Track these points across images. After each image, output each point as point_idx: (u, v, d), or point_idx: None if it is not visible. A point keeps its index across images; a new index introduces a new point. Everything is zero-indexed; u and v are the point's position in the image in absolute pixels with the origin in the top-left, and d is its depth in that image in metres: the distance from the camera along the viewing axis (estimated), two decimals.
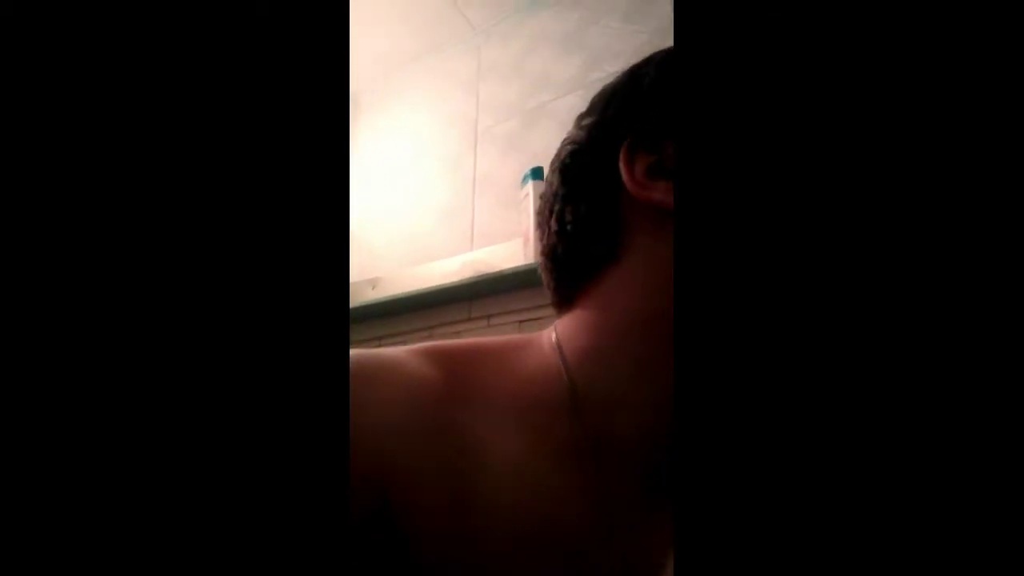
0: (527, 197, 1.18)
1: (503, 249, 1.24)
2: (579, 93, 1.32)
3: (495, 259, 1.23)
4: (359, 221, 1.63)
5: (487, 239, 1.35)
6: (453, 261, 1.31)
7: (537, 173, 1.18)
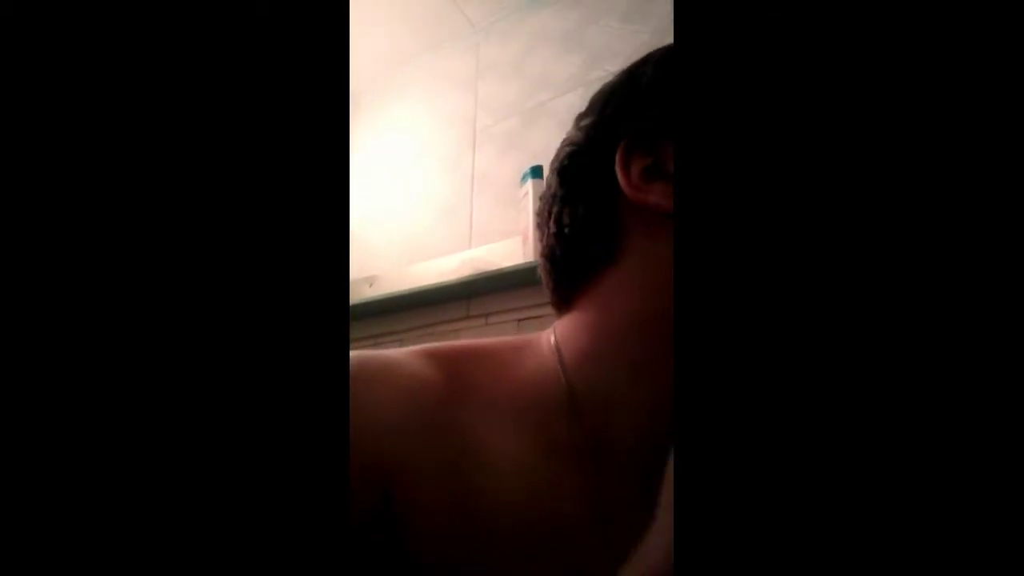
0: (526, 195, 1.18)
1: (502, 247, 1.24)
2: (578, 92, 1.32)
3: (493, 257, 1.23)
4: (357, 219, 1.63)
5: (485, 237, 1.35)
6: (451, 259, 1.31)
7: (536, 172, 1.18)
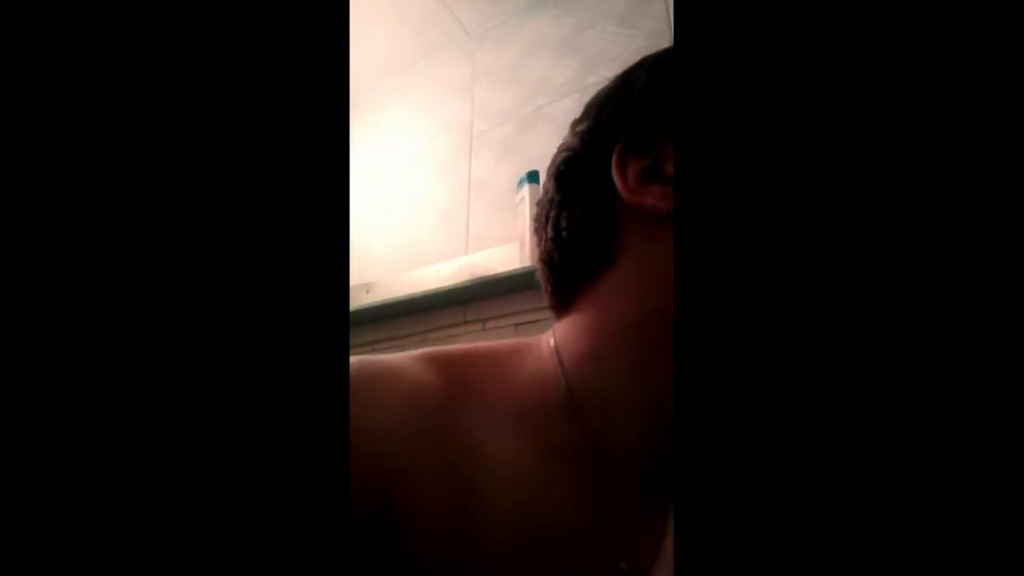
0: (523, 201, 1.18)
1: (499, 252, 1.24)
2: (575, 97, 1.33)
3: (490, 262, 1.23)
4: (354, 225, 1.63)
5: (482, 243, 1.35)
6: (448, 265, 1.31)
7: (533, 177, 1.18)
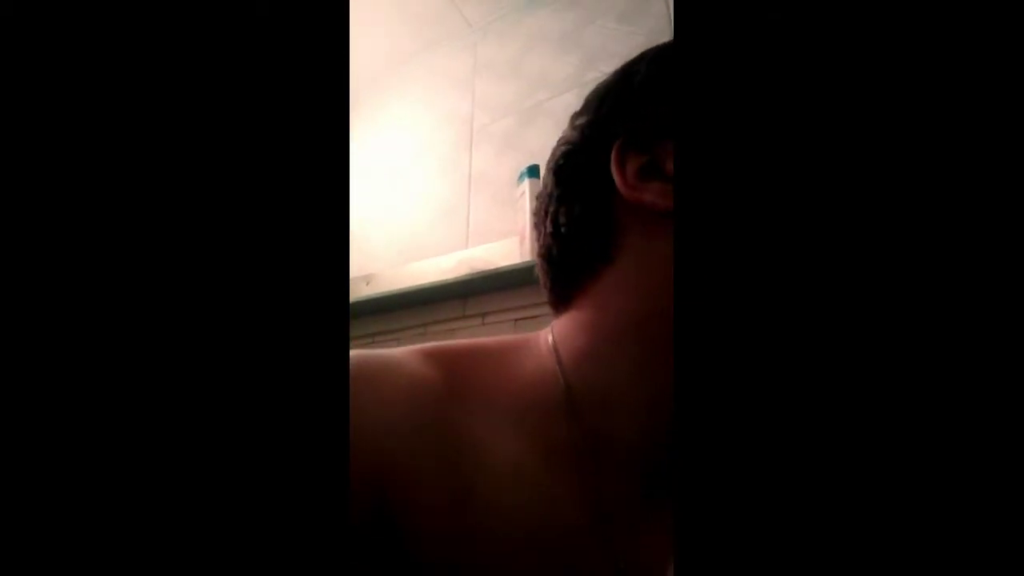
0: (523, 195, 1.18)
1: (499, 247, 1.24)
2: (575, 92, 1.33)
3: (491, 256, 1.23)
4: (354, 217, 1.62)
5: (483, 237, 1.34)
6: (448, 258, 1.31)
7: (533, 171, 1.18)
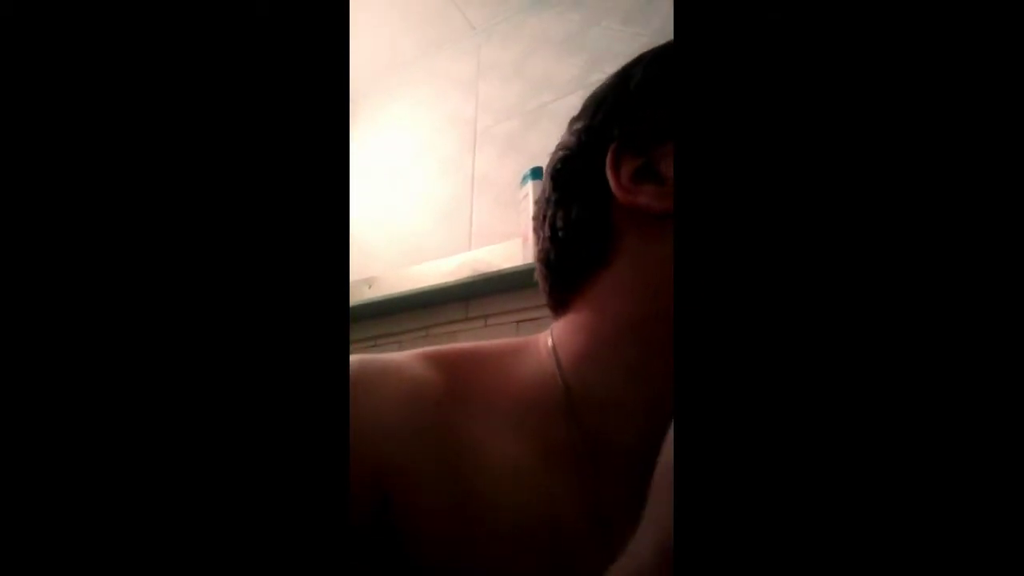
0: (526, 197, 1.18)
1: (501, 249, 1.24)
2: (579, 94, 1.32)
3: (493, 259, 1.23)
4: (356, 220, 1.62)
5: (485, 239, 1.34)
6: (450, 261, 1.31)
7: (536, 173, 1.18)
